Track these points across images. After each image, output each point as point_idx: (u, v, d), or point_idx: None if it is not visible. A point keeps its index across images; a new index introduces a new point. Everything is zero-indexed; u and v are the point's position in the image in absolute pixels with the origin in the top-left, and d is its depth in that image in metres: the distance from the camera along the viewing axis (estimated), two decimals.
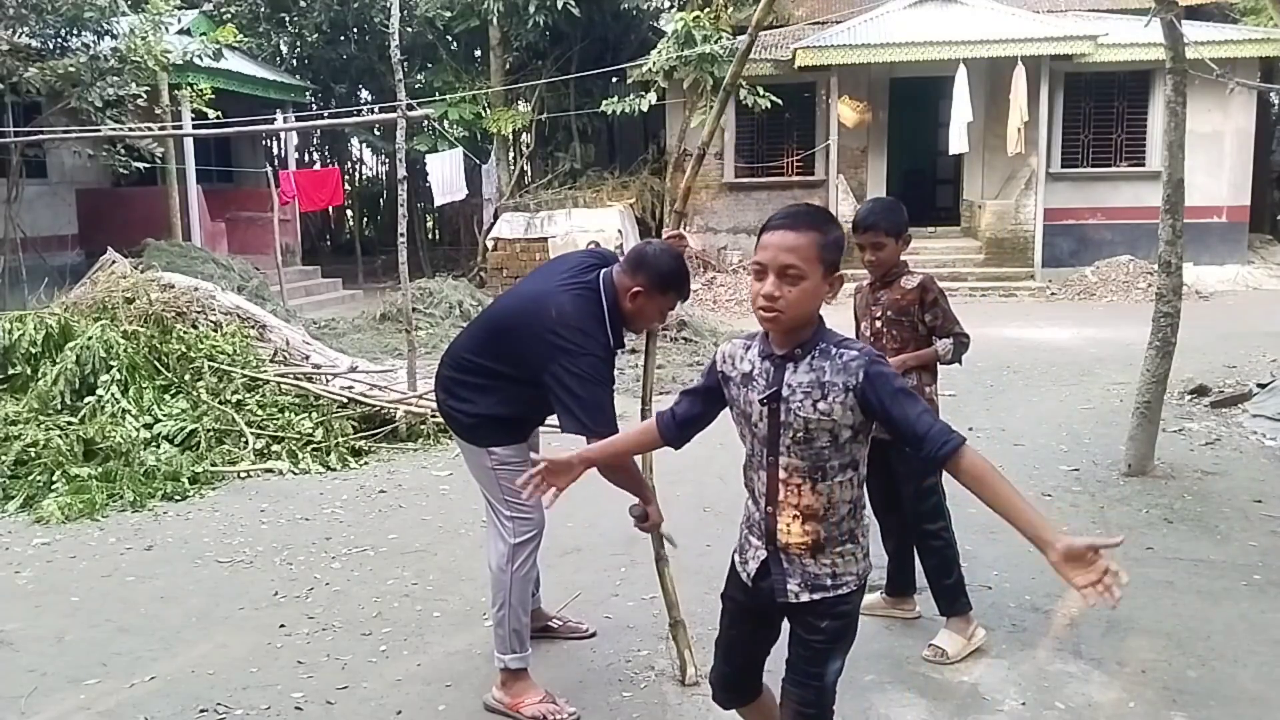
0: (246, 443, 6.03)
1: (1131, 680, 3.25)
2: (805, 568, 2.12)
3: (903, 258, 3.52)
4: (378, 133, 18.30)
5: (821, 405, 2.02)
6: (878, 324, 3.54)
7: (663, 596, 3.33)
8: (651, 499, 3.12)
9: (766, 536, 2.15)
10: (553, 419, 3.06)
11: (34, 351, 6.39)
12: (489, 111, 16.36)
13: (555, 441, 3.15)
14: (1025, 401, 7.48)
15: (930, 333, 3.49)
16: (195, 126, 13.21)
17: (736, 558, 2.27)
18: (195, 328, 7.19)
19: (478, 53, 18.38)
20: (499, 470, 3.14)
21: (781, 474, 2.09)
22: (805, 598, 2.12)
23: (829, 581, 2.12)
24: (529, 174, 17.19)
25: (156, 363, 6.45)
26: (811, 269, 2.00)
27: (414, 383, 7.32)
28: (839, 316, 2.54)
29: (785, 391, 2.05)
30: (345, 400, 6.62)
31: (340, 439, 6.23)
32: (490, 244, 15.44)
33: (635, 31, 17.87)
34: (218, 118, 13.12)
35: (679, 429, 2.30)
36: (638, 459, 3.13)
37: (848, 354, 2.03)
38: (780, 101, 14.39)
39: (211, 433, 6.05)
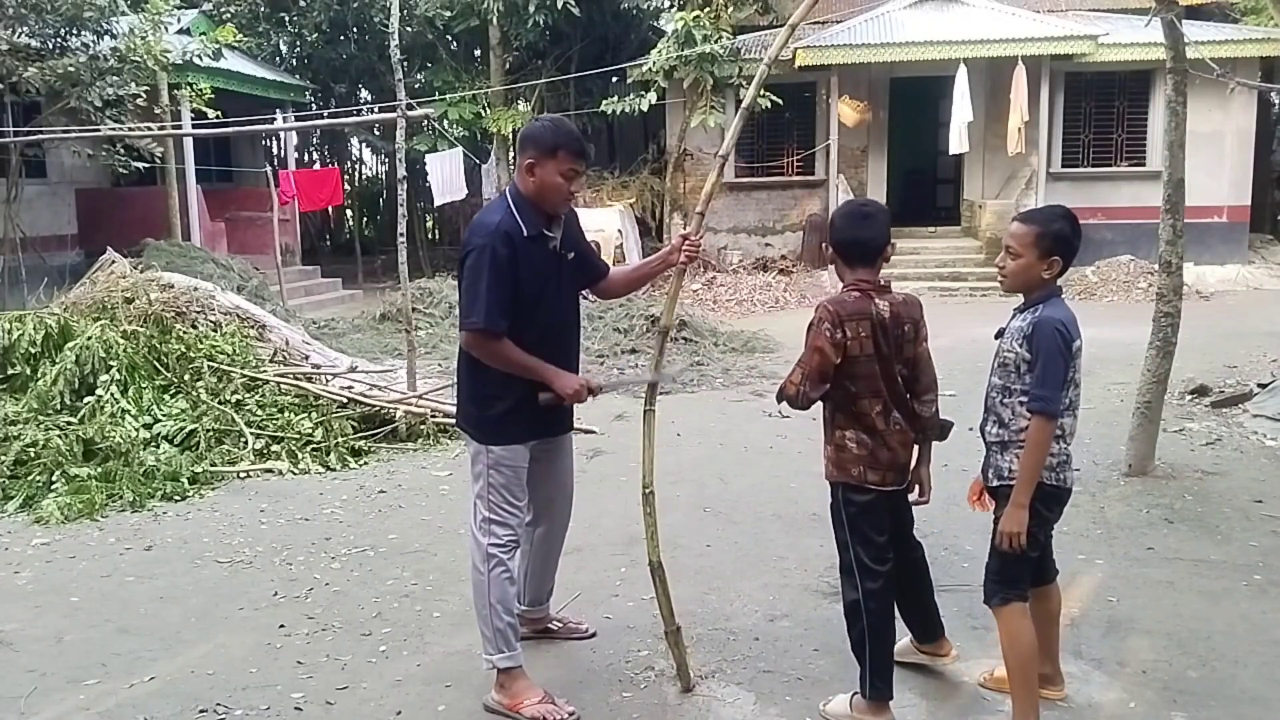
0: (246, 443, 6.03)
1: (1132, 680, 3.25)
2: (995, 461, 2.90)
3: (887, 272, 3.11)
4: (377, 133, 18.30)
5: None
6: None
7: (658, 607, 3.26)
8: (553, 376, 3.12)
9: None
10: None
11: (34, 351, 6.38)
12: (489, 111, 16.36)
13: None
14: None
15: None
16: (195, 126, 13.21)
17: None
18: (195, 328, 7.19)
19: (478, 52, 18.38)
20: (490, 471, 3.14)
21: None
22: (994, 483, 2.92)
23: (1007, 473, 2.86)
24: None
25: (156, 363, 6.45)
26: (1027, 251, 2.88)
27: (414, 383, 7.32)
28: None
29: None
30: (345, 400, 6.61)
31: (340, 439, 6.22)
32: None
33: (635, 31, 17.87)
34: (217, 117, 13.11)
35: None
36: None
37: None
38: (780, 101, 14.39)
39: (211, 433, 6.05)
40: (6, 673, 3.47)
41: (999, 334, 3.00)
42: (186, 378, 6.44)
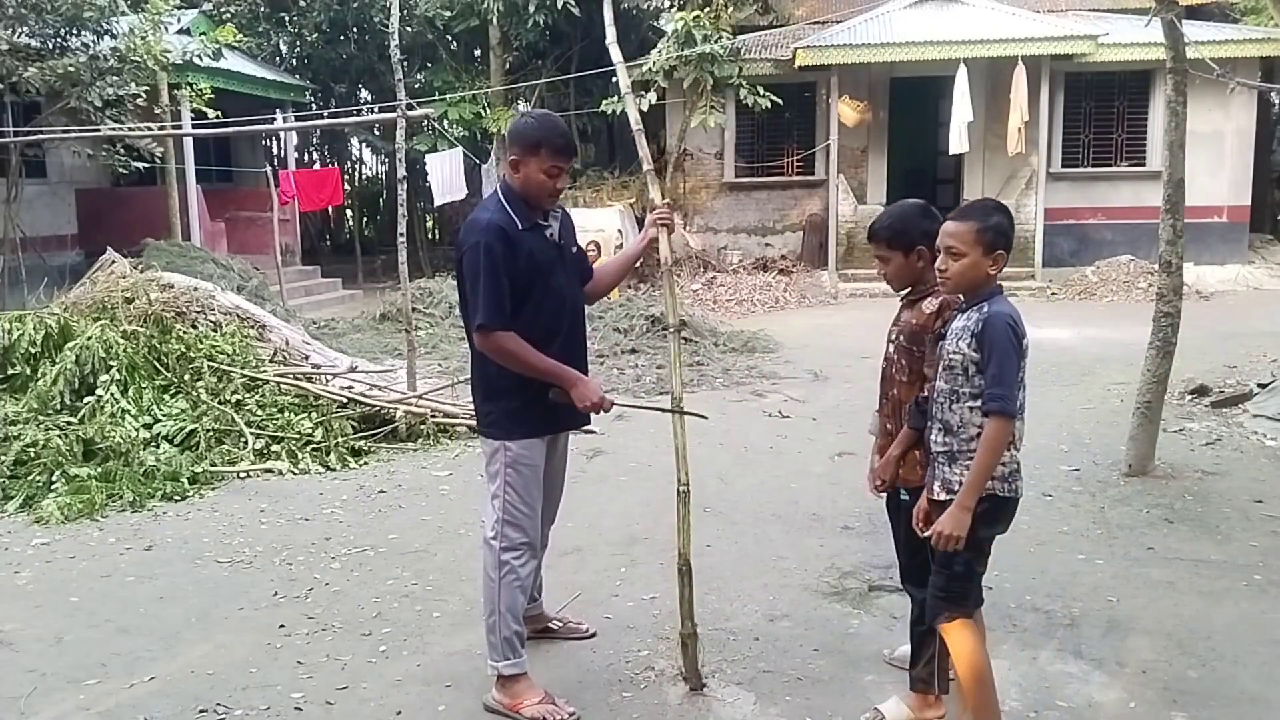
0: (246, 443, 6.03)
1: (1132, 680, 3.25)
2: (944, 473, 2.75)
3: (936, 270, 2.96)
4: (377, 133, 18.30)
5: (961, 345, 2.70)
6: (890, 348, 3.07)
7: (679, 607, 3.25)
8: (573, 381, 3.10)
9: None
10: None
11: (34, 351, 6.38)
12: (489, 111, 16.36)
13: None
14: (1026, 401, 7.46)
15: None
16: (195, 126, 13.20)
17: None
18: (195, 328, 7.19)
19: (478, 52, 18.39)
20: (509, 470, 3.13)
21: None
22: (942, 496, 2.74)
23: (957, 486, 2.69)
24: None
25: (156, 363, 6.45)
26: (971, 250, 2.69)
27: (414, 383, 7.32)
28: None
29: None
30: (345, 400, 6.61)
31: (340, 439, 6.22)
32: None
33: (635, 31, 17.86)
34: (217, 117, 13.11)
35: None
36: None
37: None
38: (780, 101, 14.38)
39: (211, 433, 6.05)
40: (6, 673, 3.47)
41: (939, 337, 2.84)
42: (186, 378, 6.44)
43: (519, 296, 3.06)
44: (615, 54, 3.74)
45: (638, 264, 3.70)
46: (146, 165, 12.75)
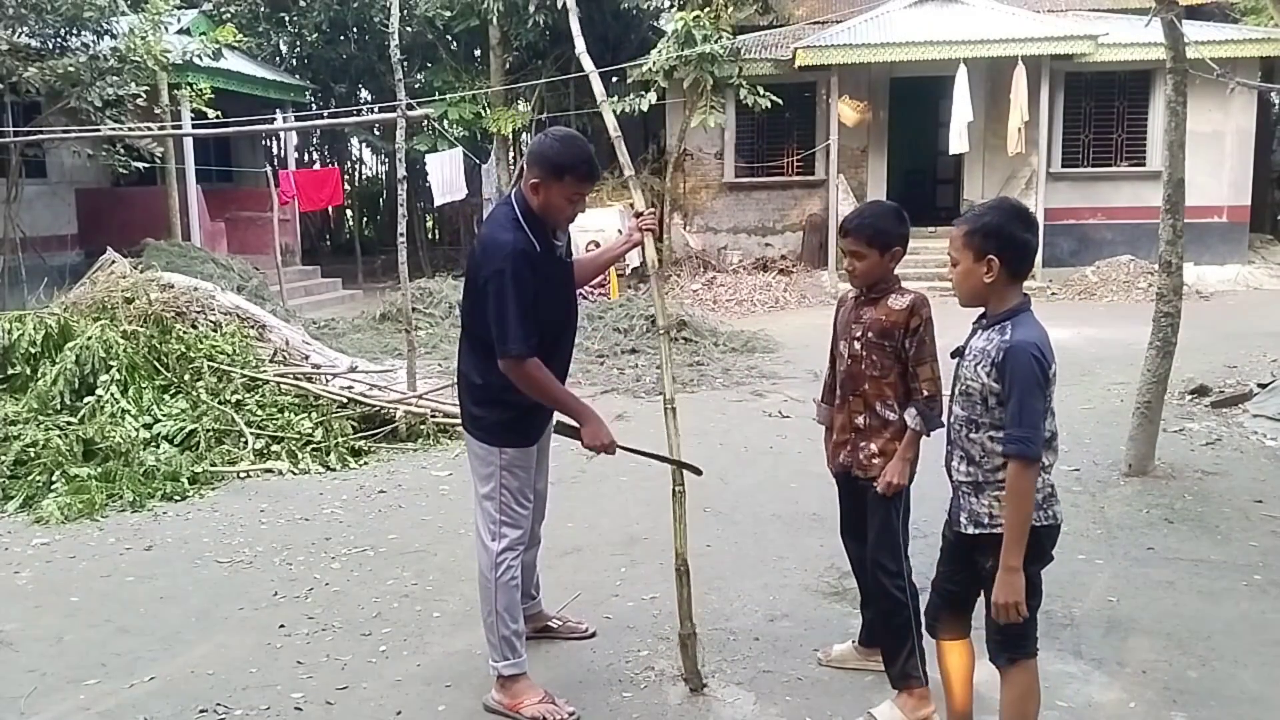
0: (246, 443, 6.03)
1: (1132, 680, 3.25)
2: (970, 504, 2.56)
3: (896, 272, 3.14)
4: (377, 133, 18.31)
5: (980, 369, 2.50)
6: (857, 345, 3.09)
7: (677, 607, 3.25)
8: (586, 417, 3.14)
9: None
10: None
11: (34, 351, 6.38)
12: (489, 111, 16.36)
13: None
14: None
15: (905, 364, 3.03)
16: (195, 126, 13.20)
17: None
18: (195, 328, 7.19)
19: (478, 52, 18.39)
20: (504, 473, 3.14)
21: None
22: (971, 530, 2.55)
23: (987, 520, 2.51)
24: None
25: (156, 363, 6.45)
26: (961, 255, 2.55)
27: (414, 383, 7.32)
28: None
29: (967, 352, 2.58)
30: (345, 400, 6.61)
31: (340, 439, 6.22)
32: None
33: (635, 31, 17.86)
34: (217, 117, 13.11)
35: None
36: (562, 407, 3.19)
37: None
38: (780, 101, 14.38)
39: (211, 433, 6.05)
40: (6, 673, 3.47)
41: (956, 353, 2.65)
42: (186, 378, 6.44)
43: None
44: (587, 63, 3.77)
45: (639, 265, 3.75)
46: (146, 165, 12.75)
